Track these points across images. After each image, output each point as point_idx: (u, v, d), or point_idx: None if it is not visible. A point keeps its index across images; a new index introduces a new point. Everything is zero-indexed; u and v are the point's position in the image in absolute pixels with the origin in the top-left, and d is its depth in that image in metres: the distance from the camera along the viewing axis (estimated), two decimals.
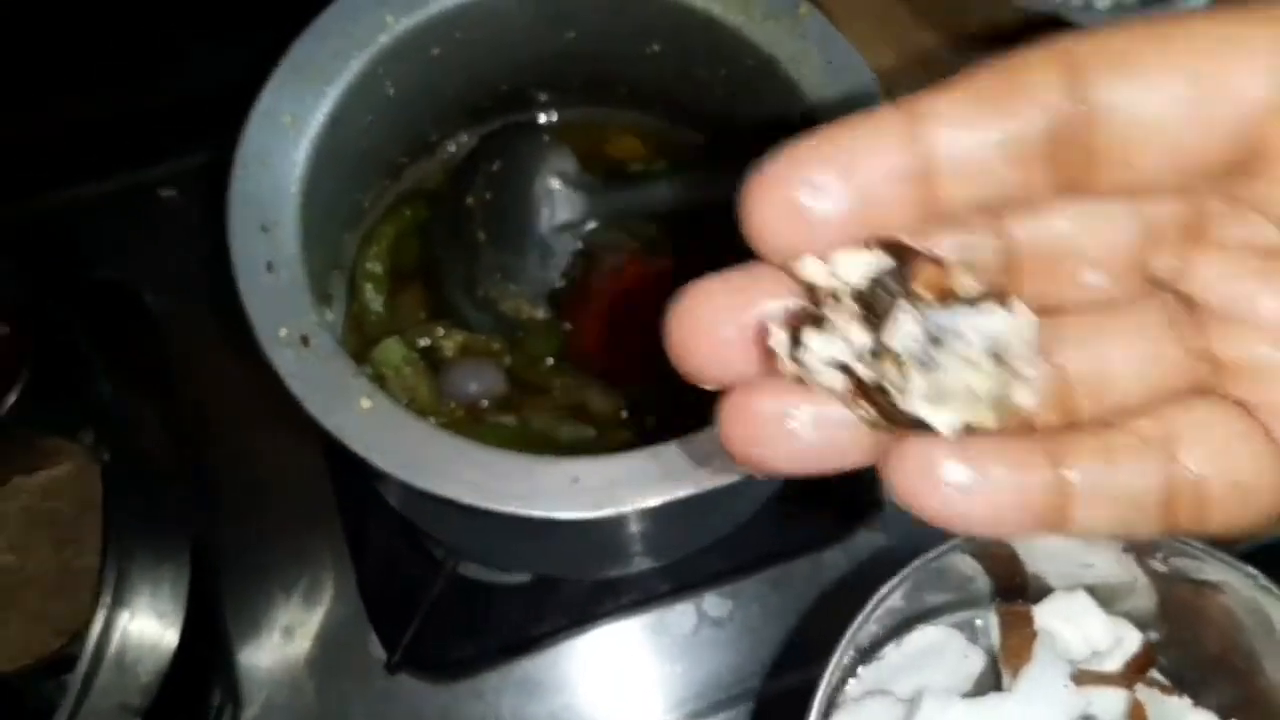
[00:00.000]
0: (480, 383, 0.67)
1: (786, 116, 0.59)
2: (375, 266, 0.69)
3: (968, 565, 0.52)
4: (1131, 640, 0.51)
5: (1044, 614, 0.51)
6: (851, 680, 0.52)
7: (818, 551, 0.75)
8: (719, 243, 0.66)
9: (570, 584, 0.73)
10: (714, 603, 0.74)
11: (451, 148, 0.72)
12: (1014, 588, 0.54)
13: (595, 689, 0.73)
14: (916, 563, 0.49)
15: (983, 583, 0.55)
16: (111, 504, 0.63)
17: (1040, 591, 0.54)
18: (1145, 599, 0.51)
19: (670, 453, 0.47)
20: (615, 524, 0.58)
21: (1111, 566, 0.49)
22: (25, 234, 0.84)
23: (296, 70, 0.54)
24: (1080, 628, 0.50)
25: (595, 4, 0.60)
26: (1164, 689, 0.50)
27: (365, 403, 0.48)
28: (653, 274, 0.67)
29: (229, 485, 0.79)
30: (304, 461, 0.77)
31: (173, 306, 0.84)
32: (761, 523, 0.70)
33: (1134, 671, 0.51)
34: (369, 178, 0.67)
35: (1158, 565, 0.49)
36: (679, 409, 0.62)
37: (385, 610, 0.73)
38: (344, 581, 0.75)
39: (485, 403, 0.67)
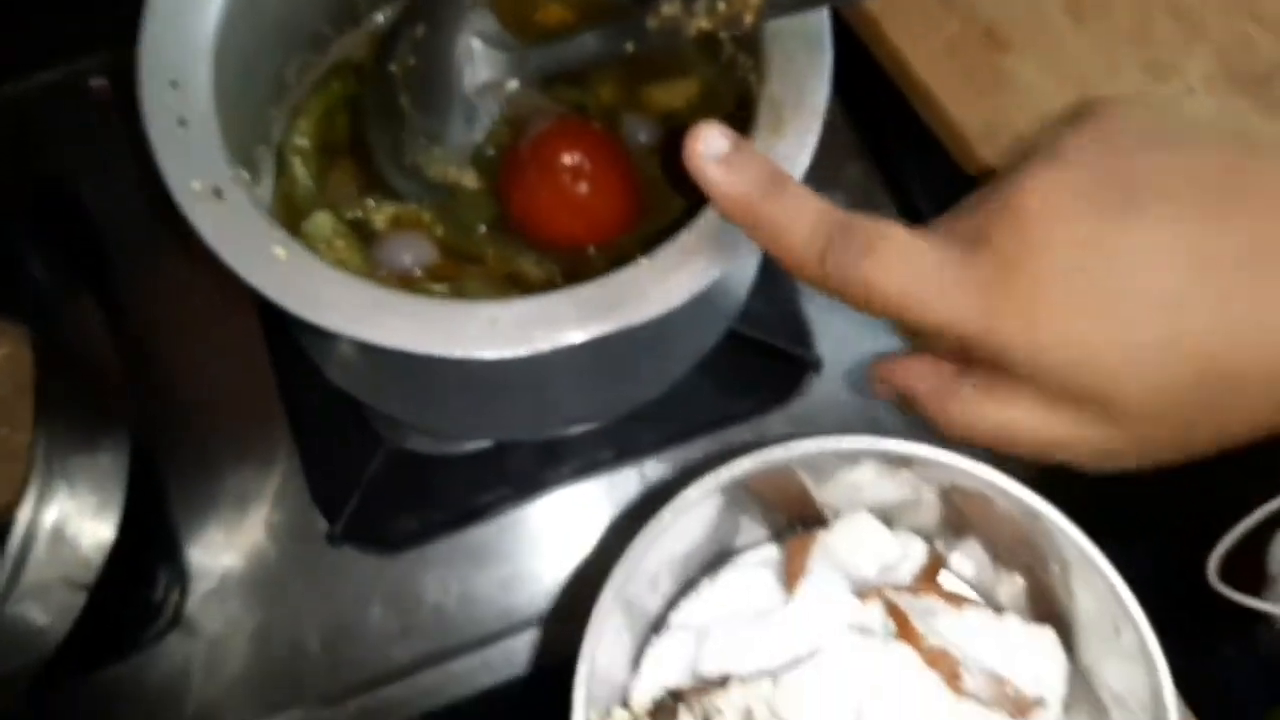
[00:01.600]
0: (413, 253, 0.67)
1: None
2: (303, 141, 0.69)
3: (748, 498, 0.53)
4: (918, 551, 0.52)
5: (831, 537, 0.52)
6: (671, 613, 0.53)
7: (758, 417, 0.76)
8: (642, 102, 0.67)
9: (514, 455, 0.74)
10: (656, 468, 0.75)
11: (378, 19, 0.71)
12: (810, 519, 0.55)
13: (542, 556, 0.74)
14: (675, 501, 0.49)
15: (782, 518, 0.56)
16: (42, 381, 0.63)
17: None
18: (929, 513, 0.51)
19: (587, 293, 0.48)
20: (544, 373, 0.58)
21: (895, 487, 0.50)
22: None
23: None
24: (867, 546, 0.51)
25: None
26: (952, 597, 0.52)
27: (280, 252, 0.48)
28: (580, 139, 0.66)
29: (171, 374, 0.79)
30: (244, 346, 0.78)
31: (109, 199, 0.83)
32: (701, 388, 0.71)
33: (925, 580, 0.52)
34: (291, 48, 0.66)
35: (936, 481, 0.49)
36: (611, 271, 0.63)
37: (328, 487, 0.73)
38: (286, 461, 0.75)
39: (418, 272, 0.67)
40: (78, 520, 0.64)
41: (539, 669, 0.72)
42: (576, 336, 0.46)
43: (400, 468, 0.73)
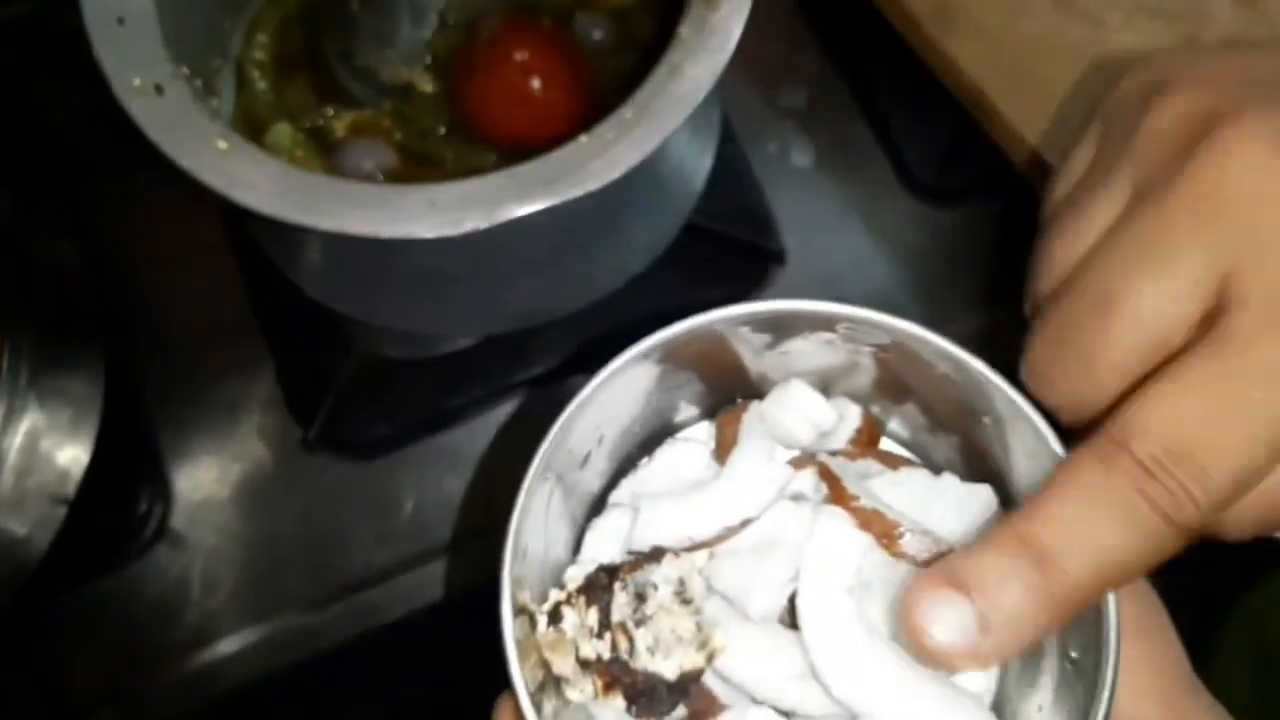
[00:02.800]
0: (373, 159, 0.67)
1: None
2: (260, 54, 0.69)
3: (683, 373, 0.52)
4: (853, 416, 0.52)
5: (764, 406, 0.52)
6: (612, 491, 0.53)
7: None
8: (593, 2, 0.67)
9: (482, 358, 0.74)
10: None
11: None
12: (748, 393, 0.54)
13: (514, 457, 0.75)
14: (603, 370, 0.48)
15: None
16: (7, 301, 0.63)
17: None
18: (865, 377, 0.51)
19: (526, 170, 0.48)
20: (497, 261, 0.59)
21: (830, 354, 0.50)
22: None
23: None
24: (801, 413, 0.51)
25: None
26: (888, 458, 0.51)
27: (221, 144, 0.49)
28: (528, 36, 0.67)
29: (144, 293, 0.79)
30: (213, 262, 0.78)
31: (73, 122, 0.83)
32: (666, 283, 0.71)
33: (863, 444, 0.52)
34: None
35: (872, 345, 0.49)
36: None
37: (303, 395, 0.74)
38: (262, 373, 0.76)
39: (380, 177, 0.67)
40: (53, 436, 0.65)
41: None
42: (515, 211, 0.47)
43: (372, 373, 0.74)
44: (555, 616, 0.42)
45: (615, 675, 0.41)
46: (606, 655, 0.41)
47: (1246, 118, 0.38)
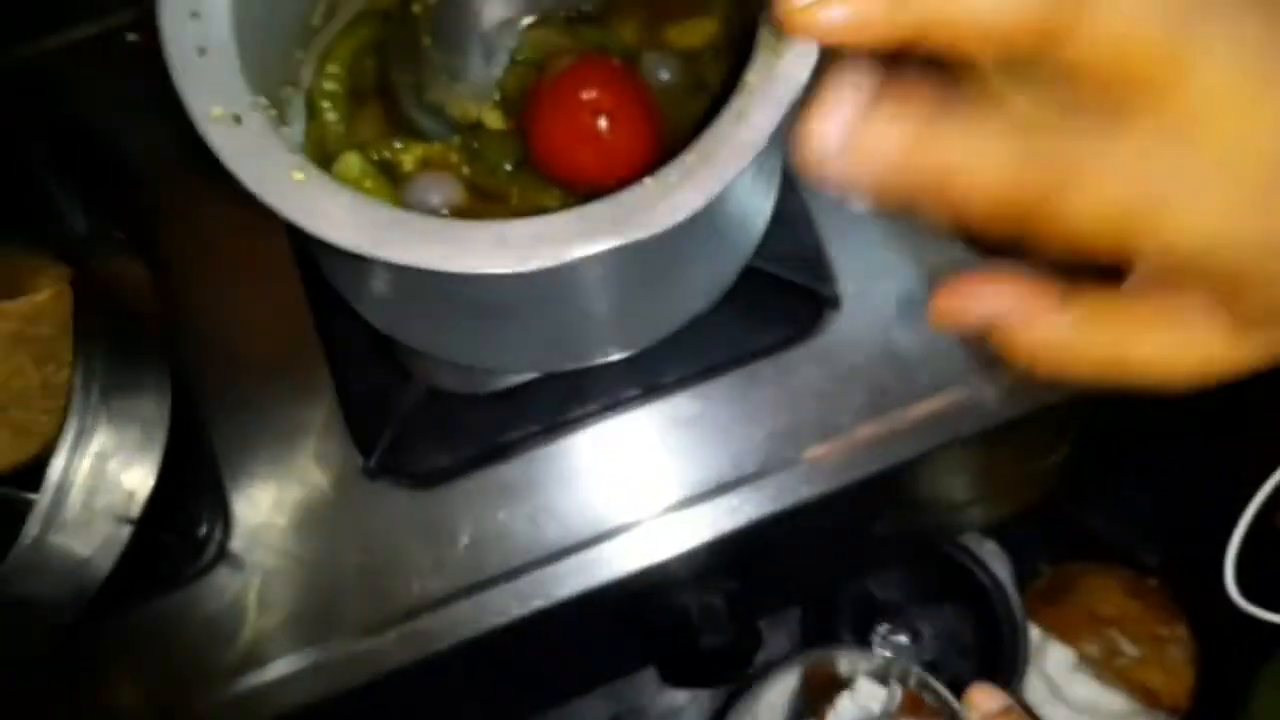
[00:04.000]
0: (440, 193, 0.68)
1: None
2: (332, 85, 0.70)
3: None
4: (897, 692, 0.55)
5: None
6: None
7: (781, 353, 0.77)
8: (662, 42, 0.67)
9: (540, 392, 0.75)
10: (683, 404, 0.76)
11: None
12: None
13: (570, 491, 0.76)
14: None
15: None
16: (81, 322, 0.65)
17: None
18: None
19: (593, 210, 0.49)
20: (561, 298, 0.59)
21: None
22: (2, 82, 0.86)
23: None
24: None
25: None
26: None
27: (298, 175, 0.49)
28: (600, 76, 0.67)
29: (210, 315, 0.81)
30: (280, 287, 0.80)
31: (145, 150, 0.85)
32: (724, 325, 0.72)
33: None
34: None
35: None
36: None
37: (364, 423, 0.75)
38: (324, 398, 0.77)
39: (445, 212, 0.68)
40: (120, 457, 0.67)
41: (566, 599, 0.74)
42: (582, 251, 0.47)
43: (432, 404, 0.75)
44: None
45: None
46: None
47: None
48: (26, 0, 0.88)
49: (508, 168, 0.69)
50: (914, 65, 0.37)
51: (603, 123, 0.65)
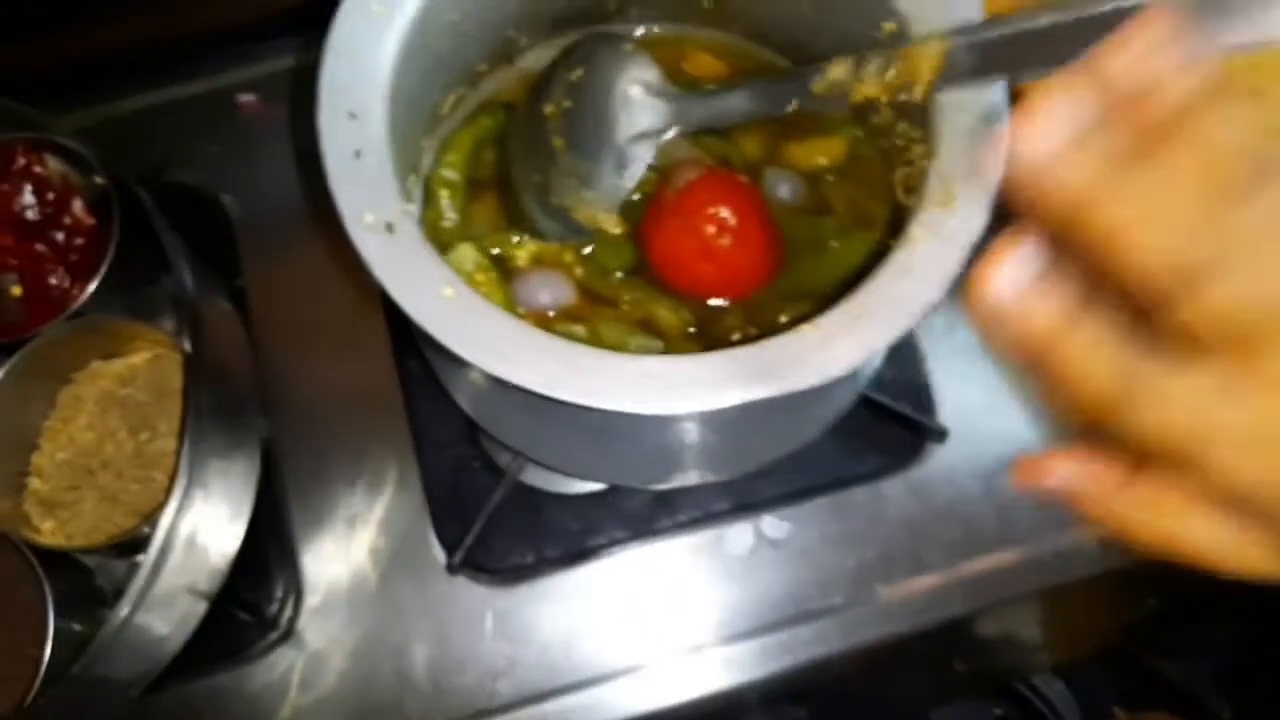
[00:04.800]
0: (551, 292, 0.67)
1: (870, 24, 0.59)
2: (451, 174, 0.70)
3: None
4: None
5: None
6: None
7: (879, 481, 0.75)
8: (785, 158, 0.66)
9: (630, 498, 0.74)
10: (772, 524, 0.75)
11: (530, 59, 0.72)
12: None
13: (650, 601, 0.74)
14: None
15: None
16: (191, 390, 0.64)
17: None
18: None
19: (746, 355, 0.48)
20: (681, 428, 0.58)
21: None
22: (109, 135, 0.86)
23: None
24: None
25: None
26: None
27: (448, 291, 0.49)
28: (728, 193, 0.67)
29: (297, 383, 0.80)
30: (372, 363, 0.79)
31: (247, 208, 0.85)
32: (823, 448, 0.71)
33: None
34: (448, 83, 0.67)
35: None
36: (745, 325, 0.63)
37: (447, 513, 0.74)
38: (406, 483, 0.76)
39: (554, 312, 0.67)
40: (209, 529, 0.66)
41: (638, 717, 0.72)
42: (733, 398, 0.46)
43: (519, 500, 0.73)
44: None
45: None
46: None
47: None
48: (142, 54, 0.87)
49: (620, 272, 0.68)
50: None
51: (725, 240, 0.65)
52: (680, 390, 0.47)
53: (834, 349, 0.47)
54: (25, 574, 0.63)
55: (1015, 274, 0.39)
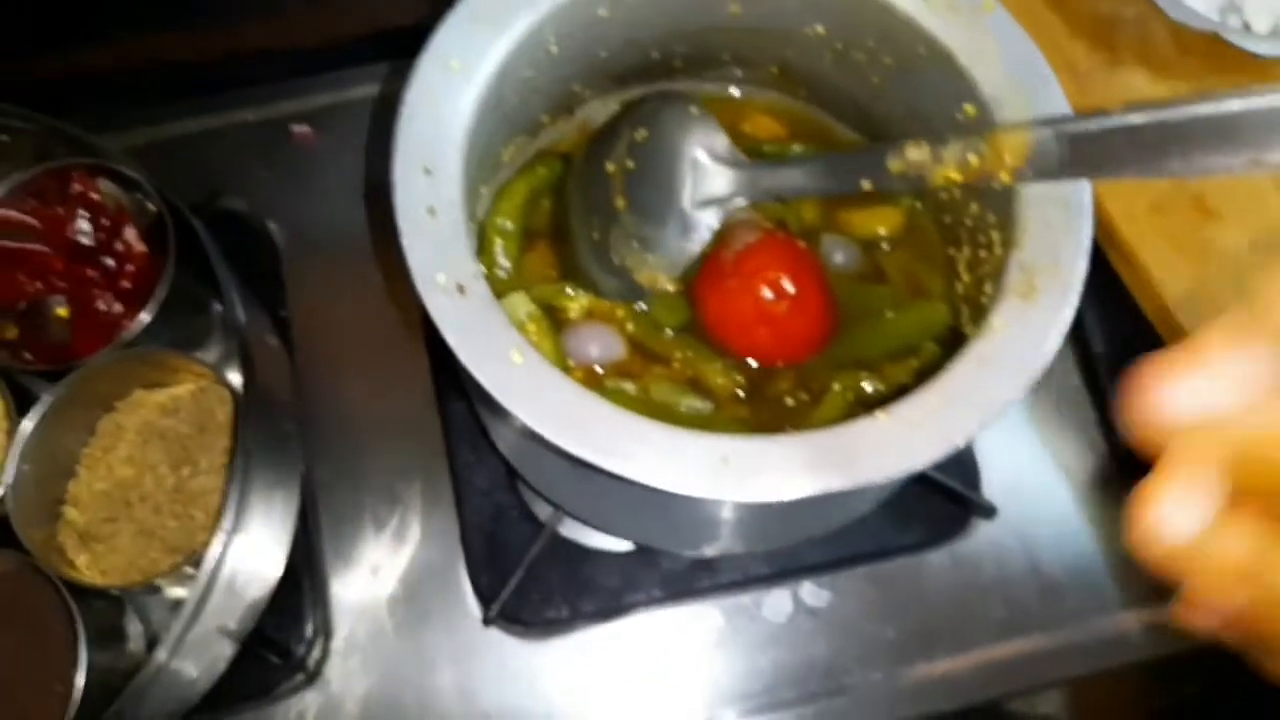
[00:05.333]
0: (601, 347, 0.67)
1: (948, 105, 0.58)
2: (506, 223, 0.69)
3: None
4: None
5: None
6: None
7: (923, 553, 0.74)
8: (842, 224, 0.66)
9: (669, 556, 0.73)
10: (812, 592, 0.74)
11: (590, 109, 0.72)
12: None
13: (684, 663, 0.73)
14: None
15: None
16: (241, 432, 0.63)
17: None
18: None
19: (822, 441, 0.47)
20: (737, 505, 0.57)
21: None
22: (161, 155, 0.86)
23: (472, 16, 0.54)
24: None
25: None
26: None
27: (517, 357, 0.48)
28: (787, 259, 0.66)
29: (336, 418, 0.79)
30: (413, 402, 0.78)
31: (294, 237, 0.85)
32: (869, 518, 0.70)
33: None
34: (513, 134, 0.66)
35: None
36: (797, 390, 0.62)
37: (483, 561, 0.73)
38: (441, 528, 0.76)
39: (604, 368, 0.67)
40: (248, 570, 0.65)
41: None
42: (809, 488, 0.45)
43: (556, 553, 0.73)
44: None
45: None
46: None
47: None
48: (196, 74, 0.87)
49: (672, 330, 0.67)
50: None
51: (782, 306, 0.64)
52: (756, 477, 0.46)
53: (912, 443, 0.46)
54: (57, 608, 0.62)
55: (1191, 510, 0.35)
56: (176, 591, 0.67)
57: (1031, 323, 0.49)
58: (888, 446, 0.46)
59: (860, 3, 0.58)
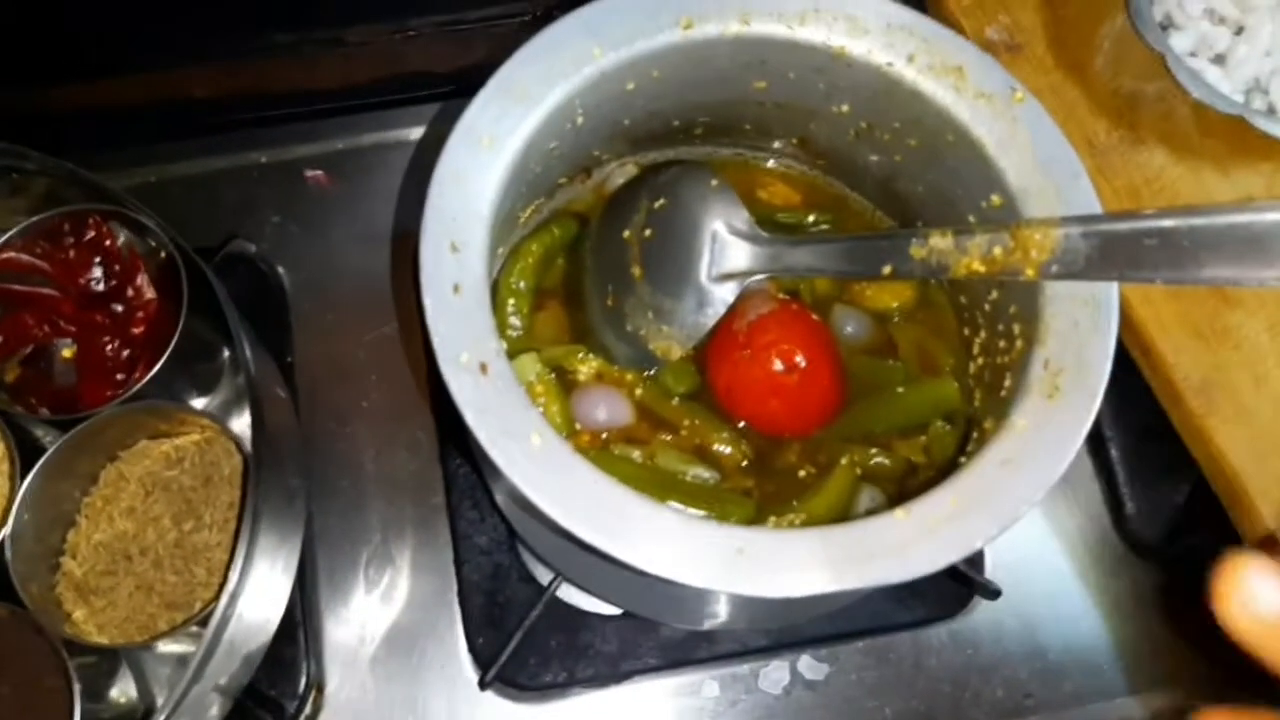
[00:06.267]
0: (609, 412, 0.66)
1: (974, 192, 0.58)
2: (520, 282, 0.69)
3: None
4: None
5: None
6: None
7: (923, 629, 0.74)
8: (854, 296, 0.65)
9: (668, 626, 0.73)
10: (810, 665, 0.73)
11: (607, 171, 0.72)
12: None
13: None
14: None
15: None
16: (251, 494, 0.62)
17: None
18: None
19: (840, 538, 0.46)
20: None
21: None
22: (176, 196, 0.86)
23: (503, 91, 0.54)
24: None
25: (798, 60, 0.59)
26: None
27: (536, 439, 0.47)
28: (800, 331, 0.66)
29: (337, 468, 0.79)
30: (415, 456, 0.78)
31: (303, 282, 0.84)
32: (870, 595, 0.70)
33: None
34: (532, 198, 0.66)
35: None
36: (804, 463, 0.62)
37: (481, 622, 0.73)
38: (439, 586, 0.75)
39: (610, 433, 0.66)
40: (248, 628, 0.64)
41: None
42: (823, 585, 0.45)
43: (555, 617, 0.72)
44: None
45: None
46: None
47: None
48: (210, 112, 0.87)
49: (680, 397, 0.67)
50: None
51: (793, 379, 0.64)
52: (771, 572, 0.45)
53: (930, 546, 0.46)
54: (52, 663, 0.61)
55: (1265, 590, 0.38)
56: (173, 647, 0.66)
57: (1054, 425, 0.48)
58: (906, 548, 0.46)
59: (890, 87, 0.58)
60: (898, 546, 0.46)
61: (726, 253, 0.61)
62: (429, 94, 0.89)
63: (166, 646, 0.66)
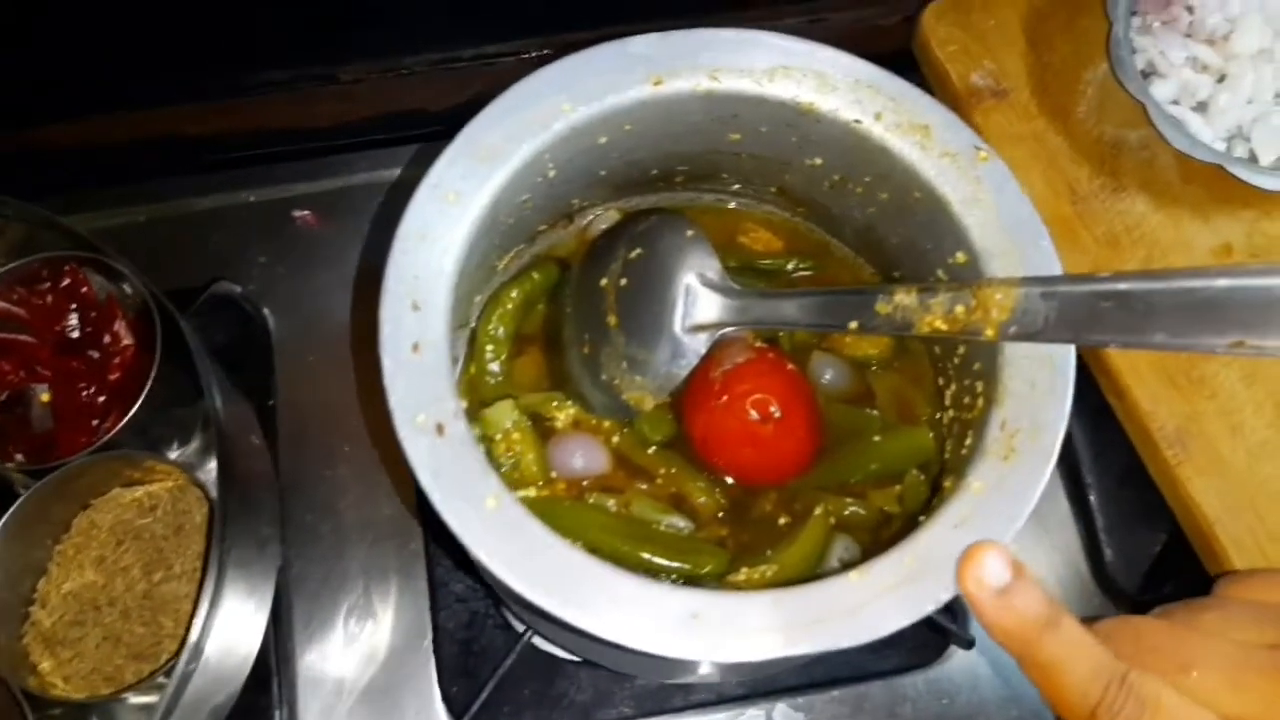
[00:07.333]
0: (586, 460, 0.66)
1: (942, 247, 0.58)
2: (498, 329, 0.69)
3: None
4: None
5: None
6: None
7: (899, 677, 0.74)
8: (833, 344, 0.65)
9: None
10: (786, 713, 0.73)
11: (589, 218, 0.72)
12: None
13: None
14: None
15: None
16: (215, 546, 0.62)
17: None
18: None
19: (793, 601, 0.46)
20: None
21: None
22: (161, 235, 0.86)
23: (470, 148, 0.54)
24: None
25: (770, 115, 0.59)
26: None
27: (491, 502, 0.47)
28: (777, 380, 0.66)
29: (315, 512, 0.79)
30: (395, 502, 0.78)
31: (288, 324, 0.84)
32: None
33: None
34: (509, 246, 0.66)
35: None
36: (779, 511, 0.62)
37: (455, 669, 0.73)
38: (414, 632, 0.75)
39: (587, 481, 0.66)
40: (213, 680, 0.64)
41: None
42: (775, 651, 0.45)
43: (530, 664, 0.72)
44: None
45: None
46: None
47: None
48: (199, 155, 0.87)
49: (656, 446, 0.67)
50: None
51: (769, 428, 0.64)
52: (724, 638, 0.45)
53: (882, 609, 0.46)
54: (15, 717, 0.61)
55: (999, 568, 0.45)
56: (140, 698, 0.66)
57: (1007, 487, 0.48)
58: (858, 611, 0.46)
59: (859, 143, 0.58)
60: (851, 610, 0.46)
61: (698, 304, 0.61)
62: (423, 133, 0.89)
63: (134, 698, 0.65)
